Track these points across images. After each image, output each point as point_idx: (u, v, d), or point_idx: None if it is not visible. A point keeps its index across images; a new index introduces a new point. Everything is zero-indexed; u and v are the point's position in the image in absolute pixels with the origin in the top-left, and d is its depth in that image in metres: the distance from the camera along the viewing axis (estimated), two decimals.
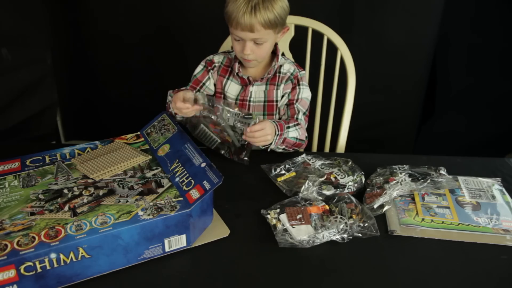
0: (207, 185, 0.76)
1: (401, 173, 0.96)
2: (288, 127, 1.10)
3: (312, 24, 1.37)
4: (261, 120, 1.02)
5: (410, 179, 0.94)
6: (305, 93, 1.19)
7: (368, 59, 1.83)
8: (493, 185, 0.97)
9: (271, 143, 1.05)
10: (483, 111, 2.04)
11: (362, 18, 1.83)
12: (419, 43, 1.89)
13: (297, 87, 1.19)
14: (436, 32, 1.88)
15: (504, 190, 0.96)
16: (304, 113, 1.18)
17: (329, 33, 1.36)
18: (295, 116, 1.17)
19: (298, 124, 1.13)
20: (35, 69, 1.77)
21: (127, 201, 0.76)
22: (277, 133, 1.04)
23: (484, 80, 1.99)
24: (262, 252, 0.79)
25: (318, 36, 1.37)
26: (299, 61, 1.29)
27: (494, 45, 1.92)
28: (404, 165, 1.00)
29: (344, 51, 1.35)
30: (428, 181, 0.92)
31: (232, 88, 1.21)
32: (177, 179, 0.81)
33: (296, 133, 1.11)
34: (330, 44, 1.36)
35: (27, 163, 0.88)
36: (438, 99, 2.09)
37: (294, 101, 1.18)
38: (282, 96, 1.20)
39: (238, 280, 0.73)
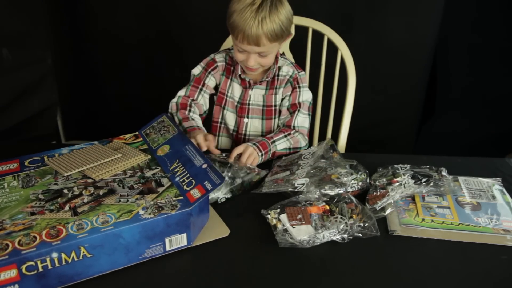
0: (208, 186, 0.76)
1: (403, 174, 0.96)
2: (274, 141, 1.10)
3: (312, 24, 1.37)
4: (240, 146, 1.06)
5: (413, 181, 0.94)
6: (305, 95, 1.19)
7: (369, 59, 1.83)
8: (493, 185, 0.97)
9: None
10: (484, 111, 2.04)
11: (362, 18, 1.83)
12: (420, 43, 1.89)
13: (297, 90, 1.18)
14: (436, 32, 1.88)
15: (504, 190, 0.96)
16: (308, 115, 1.19)
17: (329, 33, 1.36)
18: (292, 124, 1.17)
19: (289, 134, 1.14)
20: (35, 69, 1.77)
21: (127, 201, 0.76)
22: (259, 153, 1.06)
23: (484, 80, 1.99)
24: (262, 252, 0.79)
25: (318, 36, 1.37)
26: (299, 61, 1.29)
27: (494, 45, 1.92)
28: (406, 165, 1.00)
29: (344, 51, 1.35)
30: (431, 184, 0.92)
31: (235, 90, 1.20)
32: (177, 178, 0.81)
33: (286, 143, 1.12)
34: (330, 44, 1.36)
35: (26, 163, 0.87)
36: (439, 99, 2.09)
37: (296, 109, 1.18)
38: (282, 99, 1.20)
39: (238, 280, 0.73)
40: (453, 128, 2.08)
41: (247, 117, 1.22)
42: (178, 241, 0.76)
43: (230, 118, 1.23)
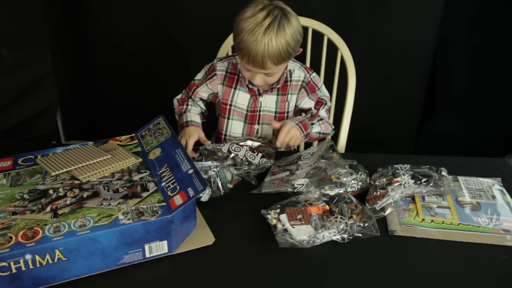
0: (191, 192, 0.75)
1: (403, 174, 0.96)
2: (312, 124, 1.17)
3: (312, 24, 1.37)
4: (283, 124, 1.08)
5: (413, 181, 0.94)
6: (322, 92, 1.23)
7: (369, 59, 1.83)
8: (493, 185, 0.97)
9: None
10: (484, 111, 2.04)
11: (362, 18, 1.83)
12: (420, 43, 1.89)
13: (317, 92, 1.20)
14: (436, 32, 1.88)
15: (504, 190, 0.96)
16: (326, 106, 1.23)
17: (329, 33, 1.36)
18: (319, 113, 1.22)
19: (321, 119, 1.20)
20: (35, 69, 1.77)
21: (109, 204, 0.75)
22: (302, 134, 1.11)
23: (484, 80, 1.99)
24: (262, 252, 0.79)
25: (318, 36, 1.37)
26: (299, 61, 1.28)
27: (494, 45, 1.92)
28: (406, 165, 1.00)
29: (344, 51, 1.35)
30: (431, 184, 0.92)
31: (242, 98, 1.17)
32: (163, 183, 0.80)
33: (318, 128, 1.19)
34: (330, 44, 1.36)
35: (19, 162, 0.87)
36: (439, 99, 2.09)
37: (320, 105, 1.22)
38: (300, 106, 1.21)
39: (238, 280, 0.73)
40: (453, 128, 2.08)
41: (258, 124, 1.20)
42: (158, 248, 0.75)
43: (237, 127, 1.21)
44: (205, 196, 0.90)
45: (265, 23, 0.95)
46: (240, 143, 1.07)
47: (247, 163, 1.04)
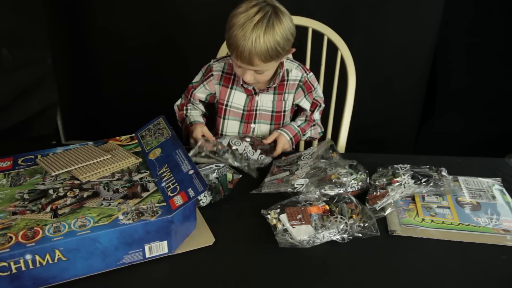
0: (191, 193, 0.75)
1: (403, 174, 0.96)
2: (305, 134, 1.22)
3: (312, 24, 1.37)
4: (279, 136, 1.13)
5: (413, 181, 0.94)
6: (317, 93, 1.24)
7: (368, 59, 1.83)
8: (493, 185, 0.97)
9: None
10: (483, 111, 2.04)
11: (362, 18, 1.83)
12: (419, 43, 1.89)
13: (313, 92, 1.21)
14: (436, 32, 1.88)
15: (504, 190, 0.96)
16: (320, 108, 1.26)
17: (329, 33, 1.36)
18: (313, 117, 1.25)
19: (314, 125, 1.24)
20: (35, 69, 1.77)
21: (109, 204, 0.75)
22: (292, 146, 1.18)
23: (484, 80, 1.99)
24: (262, 252, 0.79)
25: (318, 36, 1.37)
26: (299, 61, 1.29)
27: (494, 45, 1.92)
28: (406, 165, 1.00)
29: (344, 51, 1.35)
30: (431, 184, 0.92)
31: (238, 98, 1.17)
32: (163, 183, 0.80)
33: (309, 133, 1.25)
34: (330, 44, 1.36)
35: (19, 162, 0.87)
36: (438, 99, 2.09)
37: (315, 106, 1.24)
38: (297, 104, 1.22)
39: (238, 280, 0.73)
40: (453, 128, 2.09)
41: (254, 123, 1.20)
42: (158, 248, 0.74)
43: (233, 127, 1.21)
44: (205, 201, 0.90)
45: (254, 19, 0.95)
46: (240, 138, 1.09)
47: (246, 158, 1.04)
